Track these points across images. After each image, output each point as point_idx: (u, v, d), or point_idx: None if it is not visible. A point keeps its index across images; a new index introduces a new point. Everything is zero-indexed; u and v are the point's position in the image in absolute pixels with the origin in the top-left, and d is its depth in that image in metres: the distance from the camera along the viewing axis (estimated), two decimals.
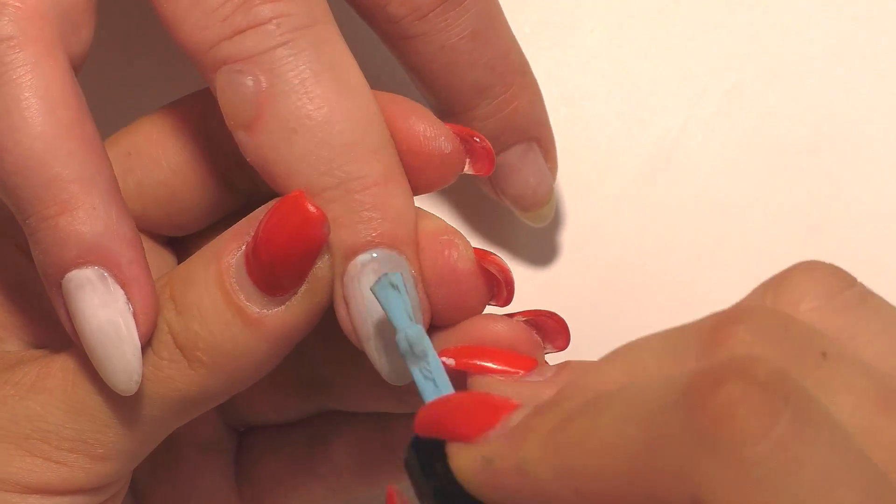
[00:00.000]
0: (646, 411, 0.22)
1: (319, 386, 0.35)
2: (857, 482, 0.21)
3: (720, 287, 0.40)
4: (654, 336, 0.25)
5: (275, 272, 0.28)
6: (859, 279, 0.25)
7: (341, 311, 0.29)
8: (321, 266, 0.29)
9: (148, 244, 0.34)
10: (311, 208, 0.28)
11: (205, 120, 0.33)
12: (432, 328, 0.30)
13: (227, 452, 0.37)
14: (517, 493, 0.24)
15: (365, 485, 0.36)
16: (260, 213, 0.29)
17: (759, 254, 0.40)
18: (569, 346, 0.31)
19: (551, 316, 0.31)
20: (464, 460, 0.25)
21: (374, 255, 0.29)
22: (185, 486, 0.36)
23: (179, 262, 0.35)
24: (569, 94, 0.41)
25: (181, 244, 0.35)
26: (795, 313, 0.25)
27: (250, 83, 0.29)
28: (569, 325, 0.31)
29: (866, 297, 0.25)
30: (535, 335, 0.31)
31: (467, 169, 0.32)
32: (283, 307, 0.29)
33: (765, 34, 0.41)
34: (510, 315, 0.31)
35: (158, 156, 0.33)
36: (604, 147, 0.41)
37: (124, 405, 0.30)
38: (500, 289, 0.31)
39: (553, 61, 0.41)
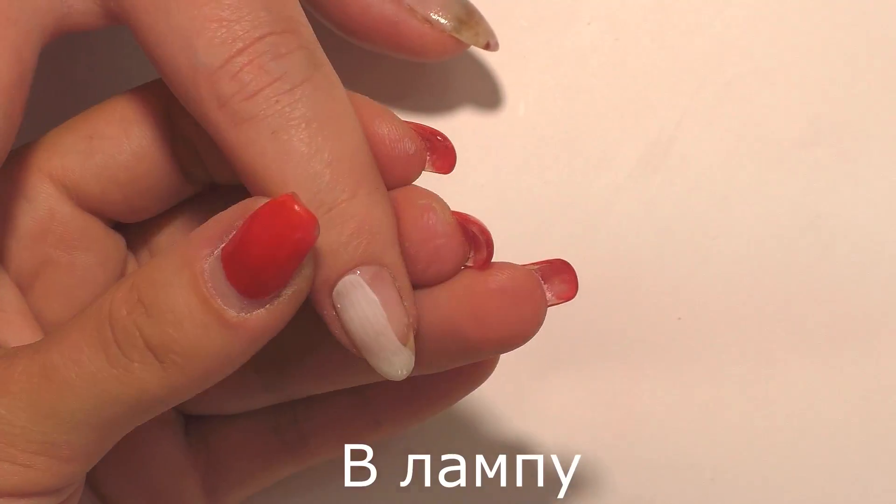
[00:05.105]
0: None
1: (283, 379, 0.35)
2: None
3: (716, 280, 0.40)
4: None
5: (259, 276, 0.28)
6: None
7: (337, 330, 0.30)
8: (308, 266, 0.29)
9: (100, 229, 0.34)
10: (300, 210, 0.28)
11: (168, 107, 0.33)
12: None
13: (177, 424, 0.37)
14: None
15: (338, 452, 0.37)
16: (236, 217, 0.28)
17: (756, 247, 0.40)
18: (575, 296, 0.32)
19: (563, 265, 0.32)
20: None
21: (358, 272, 0.29)
22: (137, 456, 0.35)
23: (129, 247, 0.35)
24: (565, 87, 0.41)
25: (131, 230, 0.35)
26: None
27: None
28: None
29: None
30: (541, 283, 0.31)
31: (428, 168, 0.32)
32: (264, 310, 0.29)
33: (762, 28, 0.41)
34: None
35: (121, 139, 0.33)
36: (601, 141, 0.41)
37: (93, 407, 0.29)
38: (481, 248, 0.31)
39: (549, 54, 0.41)
